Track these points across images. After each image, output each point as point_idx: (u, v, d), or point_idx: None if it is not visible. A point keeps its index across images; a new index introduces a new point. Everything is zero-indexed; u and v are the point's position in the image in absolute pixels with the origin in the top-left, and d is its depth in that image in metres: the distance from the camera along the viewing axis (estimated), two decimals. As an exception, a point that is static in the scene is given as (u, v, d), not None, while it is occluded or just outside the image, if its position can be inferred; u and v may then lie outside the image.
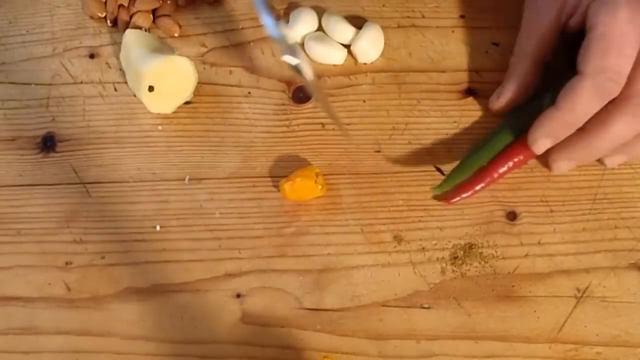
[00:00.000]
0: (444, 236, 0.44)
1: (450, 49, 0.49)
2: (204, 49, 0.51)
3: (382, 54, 0.49)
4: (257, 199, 0.46)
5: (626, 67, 0.39)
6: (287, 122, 0.48)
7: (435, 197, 0.45)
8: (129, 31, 0.49)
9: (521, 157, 0.44)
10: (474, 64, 0.48)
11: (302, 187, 0.44)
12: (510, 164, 0.44)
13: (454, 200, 0.44)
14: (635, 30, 0.38)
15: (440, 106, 0.47)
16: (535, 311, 0.43)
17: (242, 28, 0.51)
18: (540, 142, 0.42)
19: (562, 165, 0.43)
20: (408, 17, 0.50)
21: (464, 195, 0.44)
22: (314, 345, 0.43)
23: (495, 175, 0.44)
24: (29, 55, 0.51)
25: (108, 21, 0.52)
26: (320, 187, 0.44)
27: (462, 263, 0.44)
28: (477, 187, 0.44)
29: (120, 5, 0.51)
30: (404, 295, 0.43)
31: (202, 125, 0.48)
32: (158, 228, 0.46)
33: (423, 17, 0.50)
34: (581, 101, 0.40)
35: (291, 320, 0.43)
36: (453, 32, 0.50)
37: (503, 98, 0.45)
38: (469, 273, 0.44)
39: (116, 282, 0.45)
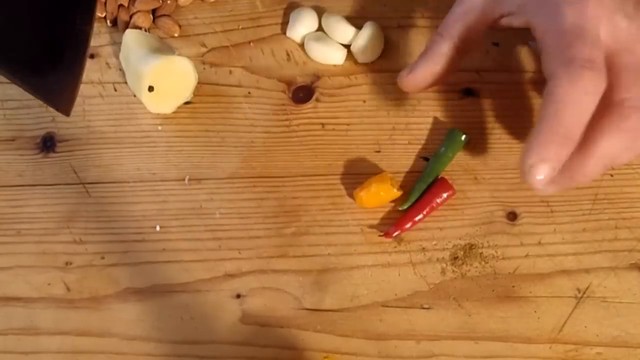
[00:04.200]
0: (444, 236, 0.44)
1: (451, 49, 0.49)
2: (204, 49, 0.51)
3: (382, 54, 0.49)
4: (257, 199, 0.46)
5: (596, 54, 0.36)
6: (287, 122, 0.48)
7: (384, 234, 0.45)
8: (128, 31, 0.49)
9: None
10: (474, 64, 0.48)
11: (378, 192, 0.44)
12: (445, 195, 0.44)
13: (395, 234, 0.44)
14: (587, 22, 0.36)
15: (440, 106, 0.47)
16: (535, 311, 0.42)
17: (242, 28, 0.51)
18: (536, 169, 0.35)
19: (546, 188, 0.37)
20: (408, 17, 0.50)
21: (406, 227, 0.44)
22: (314, 346, 0.43)
23: (435, 204, 0.44)
24: (28, 55, 0.51)
25: (108, 21, 0.51)
26: (395, 189, 0.44)
27: (462, 263, 0.44)
28: (417, 218, 0.44)
29: (120, 5, 0.51)
30: (404, 296, 0.43)
31: (202, 125, 0.48)
32: (158, 228, 0.46)
33: (423, 17, 0.50)
34: (566, 104, 0.35)
35: (291, 320, 0.43)
36: (453, 32, 0.49)
37: (413, 75, 0.42)
38: (469, 273, 0.43)
39: (116, 283, 0.45)
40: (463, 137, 0.45)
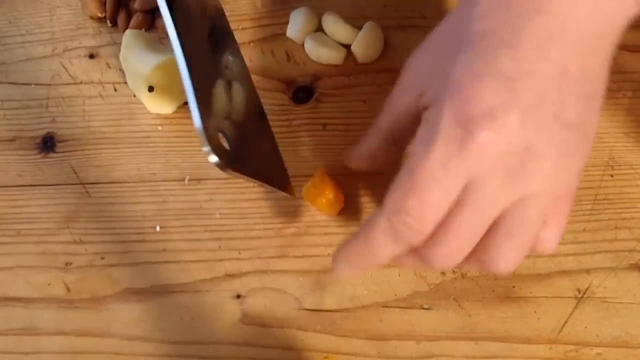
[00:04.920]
0: (444, 237, 0.44)
1: (451, 49, 0.49)
2: (204, 49, 0.50)
3: (382, 54, 0.49)
4: (257, 200, 0.46)
5: (429, 216, 0.32)
6: (287, 122, 0.48)
7: None
8: (129, 31, 0.49)
9: None
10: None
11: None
12: None
13: None
14: (446, 176, 0.31)
15: (440, 106, 0.47)
16: (535, 312, 0.43)
17: (242, 28, 0.51)
18: (341, 270, 0.37)
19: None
20: (408, 17, 0.50)
21: None
22: (314, 346, 0.43)
23: None
24: (28, 55, 0.51)
25: (108, 21, 0.51)
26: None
27: (462, 264, 0.44)
28: None
29: (120, 5, 0.51)
30: (404, 296, 0.43)
31: (202, 125, 0.48)
32: (158, 228, 0.46)
33: (423, 17, 0.50)
34: (376, 241, 0.34)
35: (291, 321, 0.43)
36: (453, 32, 0.49)
37: (351, 160, 0.42)
38: (469, 274, 0.43)
39: (116, 283, 0.45)
40: None
